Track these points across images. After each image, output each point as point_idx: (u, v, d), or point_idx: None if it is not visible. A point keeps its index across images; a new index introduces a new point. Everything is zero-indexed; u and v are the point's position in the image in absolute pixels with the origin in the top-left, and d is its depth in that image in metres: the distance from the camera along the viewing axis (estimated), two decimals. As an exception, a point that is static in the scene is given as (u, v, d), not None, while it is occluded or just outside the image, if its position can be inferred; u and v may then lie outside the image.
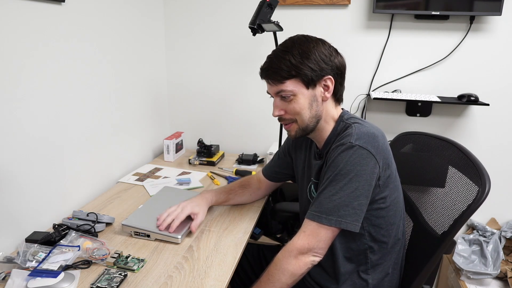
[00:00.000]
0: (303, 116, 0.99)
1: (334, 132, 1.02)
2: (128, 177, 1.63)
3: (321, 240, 0.92)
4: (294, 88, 0.96)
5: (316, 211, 0.92)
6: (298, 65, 0.94)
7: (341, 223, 0.90)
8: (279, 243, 1.74)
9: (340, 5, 1.76)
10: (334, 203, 0.90)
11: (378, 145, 0.92)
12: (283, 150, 1.29)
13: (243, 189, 1.36)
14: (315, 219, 0.92)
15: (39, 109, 1.16)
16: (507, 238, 1.72)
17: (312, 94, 0.98)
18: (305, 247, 0.92)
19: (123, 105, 1.65)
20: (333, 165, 0.92)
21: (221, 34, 1.93)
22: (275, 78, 0.97)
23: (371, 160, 0.90)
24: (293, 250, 0.93)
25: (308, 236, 0.92)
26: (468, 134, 1.80)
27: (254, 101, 1.98)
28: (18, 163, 1.10)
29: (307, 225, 0.93)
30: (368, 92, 1.84)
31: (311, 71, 0.95)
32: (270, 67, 0.98)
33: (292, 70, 0.95)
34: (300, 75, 0.95)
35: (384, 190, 0.94)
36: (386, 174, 0.94)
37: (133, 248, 1.08)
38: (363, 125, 0.95)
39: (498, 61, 1.69)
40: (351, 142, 0.90)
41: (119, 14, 1.55)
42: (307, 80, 0.96)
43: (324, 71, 0.96)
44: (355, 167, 0.89)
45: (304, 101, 0.98)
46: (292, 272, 0.93)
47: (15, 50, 1.06)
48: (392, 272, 1.04)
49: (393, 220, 1.00)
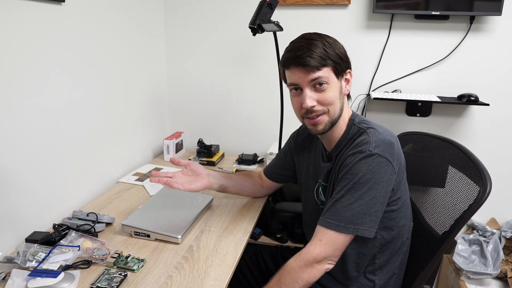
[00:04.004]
0: (335, 106, 0.97)
1: (345, 135, 1.01)
2: (128, 177, 1.63)
3: (337, 248, 0.91)
4: (329, 76, 0.95)
5: (333, 219, 0.91)
6: (331, 52, 0.94)
7: (359, 230, 0.89)
8: (278, 243, 1.74)
9: (340, 5, 1.76)
10: (353, 212, 0.89)
11: (394, 152, 0.92)
12: (284, 152, 1.28)
13: (247, 176, 1.36)
14: (333, 227, 0.90)
15: (39, 109, 1.16)
16: (507, 238, 1.72)
17: (340, 85, 0.98)
18: (321, 256, 0.90)
19: (123, 105, 1.65)
20: (351, 173, 0.91)
21: (221, 34, 1.93)
22: (312, 65, 0.92)
23: (389, 168, 0.90)
24: (309, 259, 0.91)
25: (325, 245, 0.90)
26: (468, 134, 1.80)
27: (254, 101, 1.98)
28: (18, 163, 1.10)
29: (324, 234, 0.91)
30: (368, 92, 1.84)
31: (341, 60, 0.96)
32: (306, 54, 0.92)
33: (327, 58, 0.93)
34: (334, 63, 0.94)
35: (397, 193, 0.94)
36: (400, 178, 0.94)
37: (133, 248, 1.08)
38: (379, 131, 0.94)
39: (498, 61, 1.70)
40: (370, 151, 0.90)
41: (119, 14, 1.55)
42: (339, 69, 0.96)
43: (347, 63, 0.98)
44: (374, 175, 0.88)
45: (336, 91, 0.96)
46: (307, 281, 0.92)
47: (15, 50, 1.06)
48: (398, 272, 1.04)
49: (403, 221, 1.00)
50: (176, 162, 1.21)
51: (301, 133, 1.22)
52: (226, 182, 1.29)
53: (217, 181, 1.27)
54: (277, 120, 1.73)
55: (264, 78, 1.93)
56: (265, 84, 1.93)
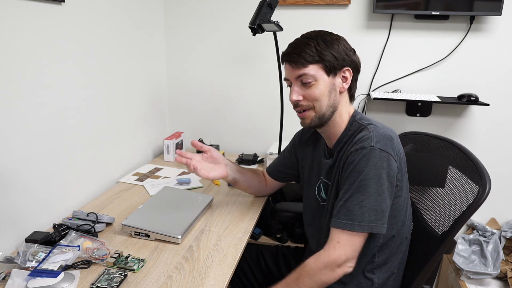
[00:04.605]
0: (322, 102, 0.99)
1: (346, 131, 1.02)
2: (128, 177, 1.63)
3: (356, 249, 0.91)
4: (316, 73, 0.97)
5: (346, 219, 0.90)
6: (322, 51, 0.96)
7: (373, 227, 0.89)
8: (279, 243, 1.74)
9: (340, 5, 1.76)
10: (364, 209, 0.89)
11: (395, 146, 0.93)
12: (288, 150, 1.28)
13: (254, 173, 1.37)
14: (347, 227, 0.90)
15: (38, 109, 1.16)
16: (507, 238, 1.72)
17: (332, 82, 0.99)
18: (342, 259, 0.90)
19: (124, 105, 1.65)
20: (356, 170, 0.91)
21: (221, 34, 1.93)
22: (298, 62, 0.98)
23: (392, 162, 0.91)
24: (329, 262, 0.90)
25: (344, 247, 0.90)
26: (468, 134, 1.80)
27: (254, 101, 1.98)
28: (18, 163, 1.10)
29: (340, 235, 0.91)
30: (368, 92, 1.84)
31: (334, 59, 0.97)
32: (294, 50, 0.98)
33: (316, 55, 0.96)
34: (323, 61, 0.97)
35: (399, 189, 0.95)
36: (401, 172, 0.95)
37: (133, 248, 1.08)
38: (378, 127, 0.96)
39: (498, 61, 1.69)
40: (372, 146, 0.91)
41: (119, 14, 1.55)
42: (329, 67, 0.97)
43: (345, 61, 0.99)
44: (379, 170, 0.89)
45: (324, 88, 0.98)
46: (326, 283, 0.92)
47: (14, 50, 1.06)
48: (397, 271, 1.04)
49: (403, 220, 1.00)
50: (198, 146, 1.22)
51: (306, 130, 1.23)
52: (238, 176, 1.30)
53: (232, 173, 1.28)
54: (277, 120, 1.73)
55: (264, 78, 1.93)
56: (265, 84, 1.93)
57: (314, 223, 1.14)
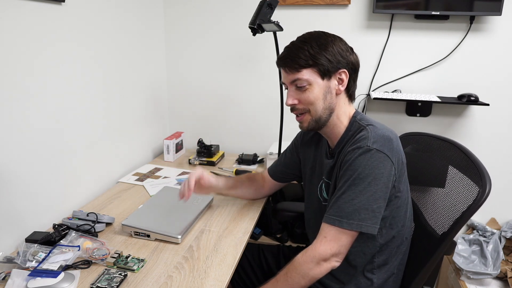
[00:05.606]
0: (317, 106, 1.00)
1: (347, 132, 1.02)
2: (128, 177, 1.63)
3: (342, 245, 0.92)
4: (310, 78, 0.97)
5: (336, 215, 0.92)
6: (315, 55, 0.96)
7: (362, 226, 0.90)
8: (279, 243, 1.74)
9: (340, 5, 1.76)
10: (354, 207, 0.90)
11: (393, 147, 0.93)
12: (290, 150, 1.29)
13: (250, 182, 1.37)
14: (336, 223, 0.91)
15: (38, 109, 1.16)
16: (507, 238, 1.72)
17: (327, 85, 0.99)
18: (327, 253, 0.91)
19: (123, 105, 1.65)
20: (350, 169, 0.92)
21: (221, 34, 1.93)
22: (292, 67, 0.98)
23: (388, 163, 0.90)
24: (315, 256, 0.92)
25: (330, 242, 0.91)
26: (468, 134, 1.80)
27: (254, 101, 1.98)
28: (18, 163, 1.10)
29: (328, 230, 0.93)
30: (368, 92, 1.84)
31: (328, 62, 0.97)
32: (288, 55, 0.99)
33: (309, 60, 0.96)
34: (317, 65, 0.96)
35: (398, 190, 0.95)
36: (400, 174, 0.95)
37: (133, 248, 1.08)
38: (377, 128, 0.96)
39: (498, 61, 1.69)
40: (368, 146, 0.91)
41: (119, 14, 1.55)
42: (323, 70, 0.97)
43: (340, 63, 0.98)
44: (373, 170, 0.89)
45: (318, 91, 0.99)
46: (313, 277, 0.93)
47: (14, 50, 1.06)
48: (397, 272, 1.04)
49: (403, 221, 1.00)
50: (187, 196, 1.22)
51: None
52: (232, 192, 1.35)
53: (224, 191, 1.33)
54: (277, 120, 1.73)
55: (264, 78, 1.93)
56: (265, 84, 1.93)
57: (315, 223, 1.14)
